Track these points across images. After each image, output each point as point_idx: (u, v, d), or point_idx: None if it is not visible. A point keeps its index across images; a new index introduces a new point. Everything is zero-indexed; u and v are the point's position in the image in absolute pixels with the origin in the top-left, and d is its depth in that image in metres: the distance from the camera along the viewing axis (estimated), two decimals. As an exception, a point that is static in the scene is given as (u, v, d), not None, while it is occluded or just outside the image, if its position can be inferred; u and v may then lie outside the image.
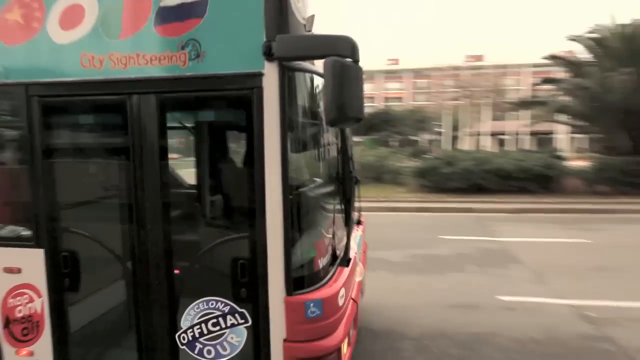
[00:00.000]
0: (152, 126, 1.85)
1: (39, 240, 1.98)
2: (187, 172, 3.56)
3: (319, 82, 1.94)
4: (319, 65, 1.67)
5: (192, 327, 1.91)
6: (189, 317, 1.91)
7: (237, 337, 1.88)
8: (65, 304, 2.06)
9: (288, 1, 1.66)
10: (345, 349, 2.03)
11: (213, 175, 3.08)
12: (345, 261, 2.20)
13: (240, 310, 1.86)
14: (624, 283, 4.69)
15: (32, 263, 2.01)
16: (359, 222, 3.29)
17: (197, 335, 1.91)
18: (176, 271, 2.00)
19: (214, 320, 1.88)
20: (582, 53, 13.30)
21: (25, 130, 1.95)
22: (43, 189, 1.95)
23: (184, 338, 1.93)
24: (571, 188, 11.10)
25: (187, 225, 2.79)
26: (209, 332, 1.89)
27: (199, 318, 1.90)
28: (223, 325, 1.88)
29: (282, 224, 1.74)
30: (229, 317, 1.87)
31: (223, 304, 1.87)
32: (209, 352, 1.91)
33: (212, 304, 1.88)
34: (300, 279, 1.85)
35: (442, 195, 10.93)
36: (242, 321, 1.86)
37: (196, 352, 1.92)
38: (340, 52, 1.51)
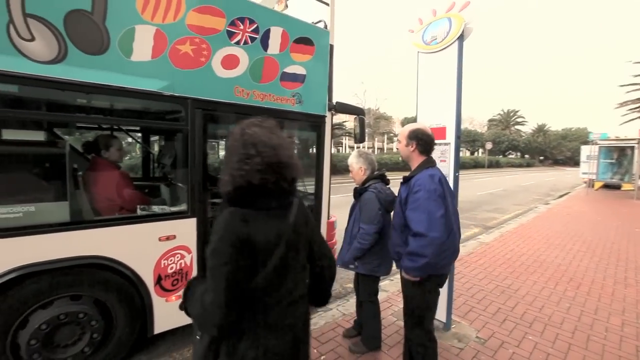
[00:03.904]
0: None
1: (194, 211, 2.71)
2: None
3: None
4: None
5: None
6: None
7: (306, 246, 3.61)
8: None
9: (332, 88, 3.62)
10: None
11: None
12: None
13: (309, 231, 3.60)
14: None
15: (186, 229, 2.69)
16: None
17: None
18: None
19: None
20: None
21: (187, 131, 2.61)
22: (197, 174, 2.71)
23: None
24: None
25: None
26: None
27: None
28: (301, 242, 3.55)
29: (329, 187, 3.70)
30: (304, 236, 3.56)
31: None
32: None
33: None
34: (328, 214, 3.86)
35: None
36: (310, 237, 3.62)
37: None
38: (361, 114, 3.75)
